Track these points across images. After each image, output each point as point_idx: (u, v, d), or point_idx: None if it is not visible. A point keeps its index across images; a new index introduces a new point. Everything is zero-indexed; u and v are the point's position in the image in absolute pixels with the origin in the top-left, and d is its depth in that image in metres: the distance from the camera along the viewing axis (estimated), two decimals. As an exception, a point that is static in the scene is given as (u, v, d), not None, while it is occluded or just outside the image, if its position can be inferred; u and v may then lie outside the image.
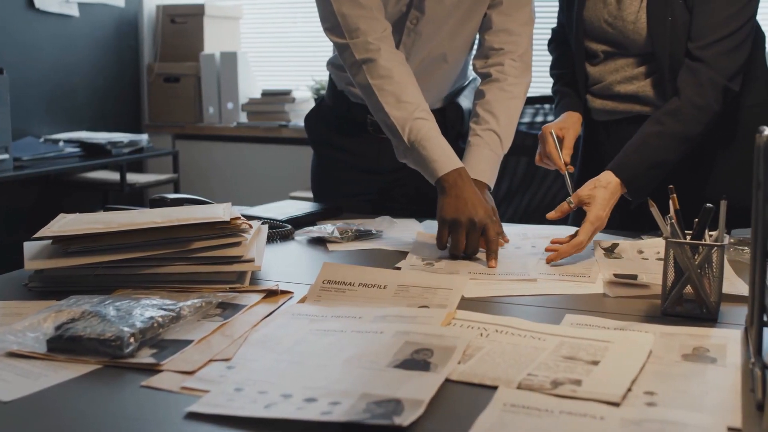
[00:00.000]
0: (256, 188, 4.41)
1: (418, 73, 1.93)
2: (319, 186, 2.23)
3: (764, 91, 1.85)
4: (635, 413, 0.89)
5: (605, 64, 1.86)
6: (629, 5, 1.78)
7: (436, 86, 2.03)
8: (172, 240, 1.38)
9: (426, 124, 1.75)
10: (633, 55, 1.82)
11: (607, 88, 1.87)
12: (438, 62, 1.98)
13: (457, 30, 1.94)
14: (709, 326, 1.19)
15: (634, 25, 1.77)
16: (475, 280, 1.43)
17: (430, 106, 1.99)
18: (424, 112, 1.76)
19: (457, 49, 1.99)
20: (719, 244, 1.22)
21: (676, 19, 1.72)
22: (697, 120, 1.70)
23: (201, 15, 4.54)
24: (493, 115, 1.87)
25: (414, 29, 1.90)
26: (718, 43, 1.69)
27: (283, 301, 1.31)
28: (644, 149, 1.70)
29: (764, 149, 0.96)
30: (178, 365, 1.04)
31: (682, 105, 1.70)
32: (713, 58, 1.69)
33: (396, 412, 0.88)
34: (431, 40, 1.93)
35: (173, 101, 4.61)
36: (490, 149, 1.85)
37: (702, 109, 1.69)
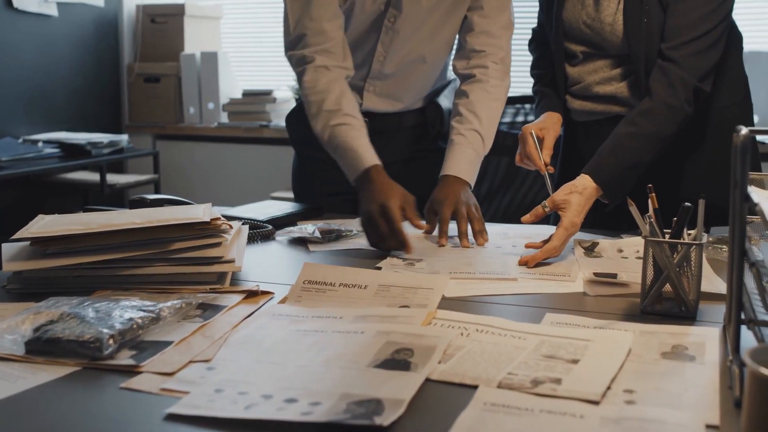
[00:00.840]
0: (237, 189, 4.39)
1: (398, 74, 1.95)
2: (299, 185, 2.23)
3: (741, 91, 1.87)
4: (614, 412, 0.89)
5: (584, 65, 1.87)
6: (606, 7, 1.78)
7: (415, 86, 2.05)
8: (152, 241, 1.38)
9: (342, 130, 1.81)
10: (611, 57, 1.83)
11: (585, 89, 1.87)
12: (417, 63, 1.99)
13: (437, 31, 1.96)
14: (687, 324, 1.20)
15: (611, 27, 1.78)
16: (455, 280, 1.43)
17: (410, 107, 2.01)
18: (344, 117, 1.82)
19: (437, 49, 2.00)
20: (698, 243, 1.23)
21: (652, 20, 1.72)
22: (670, 120, 1.70)
23: (181, 15, 4.52)
24: (476, 115, 1.89)
25: (392, 27, 1.92)
26: (690, 44, 1.70)
27: (263, 301, 1.31)
28: (619, 151, 1.70)
29: (741, 148, 0.96)
30: (157, 366, 1.03)
31: (655, 105, 1.70)
32: (684, 58, 1.70)
33: (376, 412, 0.88)
34: (410, 40, 1.94)
35: (153, 101, 4.59)
36: (472, 148, 1.87)
37: (674, 109, 1.70)
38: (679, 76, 1.69)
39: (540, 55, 2.03)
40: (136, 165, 4.61)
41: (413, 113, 2.09)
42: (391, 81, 2.02)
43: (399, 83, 2.01)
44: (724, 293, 1.09)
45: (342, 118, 1.82)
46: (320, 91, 1.85)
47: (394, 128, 2.07)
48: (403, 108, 2.08)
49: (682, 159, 1.84)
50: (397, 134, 2.07)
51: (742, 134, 0.97)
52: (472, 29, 1.94)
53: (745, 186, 0.96)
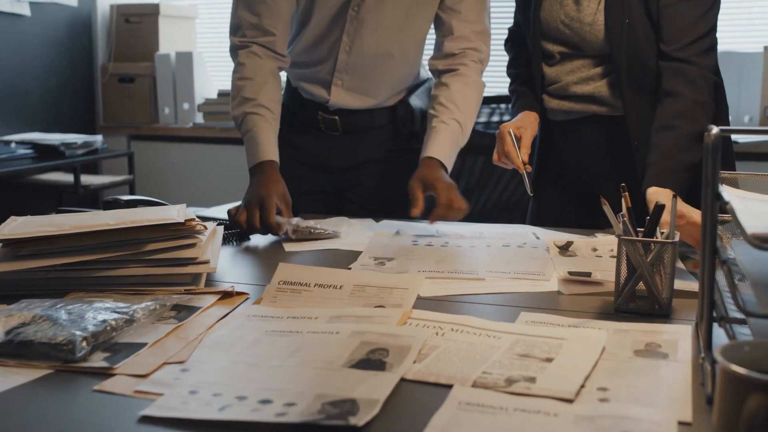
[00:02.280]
0: (213, 189, 4.37)
1: (366, 67, 1.96)
2: None
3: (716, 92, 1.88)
4: (588, 409, 0.90)
5: (562, 64, 1.88)
6: (587, 7, 1.79)
7: (385, 82, 2.06)
8: (126, 242, 1.37)
9: (255, 119, 1.88)
10: (589, 56, 1.84)
11: (563, 89, 1.88)
12: (385, 57, 2.00)
13: (404, 24, 1.97)
14: (661, 322, 1.21)
15: (591, 27, 1.78)
16: (431, 279, 1.43)
17: (381, 104, 2.03)
18: (257, 107, 1.89)
19: (405, 44, 2.01)
20: (670, 242, 1.24)
21: (634, 21, 1.74)
22: (705, 116, 1.71)
23: (156, 15, 4.50)
24: (456, 105, 1.92)
25: (356, 17, 1.93)
26: (697, 43, 1.72)
27: (238, 302, 1.31)
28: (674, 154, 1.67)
29: (712, 147, 0.97)
30: (131, 369, 1.03)
31: (687, 105, 1.70)
32: (697, 56, 1.72)
33: (351, 412, 0.88)
34: (375, 30, 1.95)
35: (128, 102, 4.56)
36: (453, 135, 1.90)
37: (705, 106, 1.72)
38: (698, 73, 1.72)
39: (516, 55, 2.04)
40: (110, 166, 4.58)
41: (384, 112, 2.09)
42: (359, 74, 2.02)
43: (367, 77, 2.02)
44: (697, 291, 1.10)
45: (256, 108, 1.90)
46: (245, 77, 1.92)
47: (366, 127, 2.08)
48: (374, 105, 2.08)
49: None
50: (369, 133, 2.08)
51: (713, 134, 0.97)
52: (451, 33, 1.97)
53: (716, 185, 0.97)
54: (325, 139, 2.09)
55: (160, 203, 1.75)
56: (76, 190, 3.98)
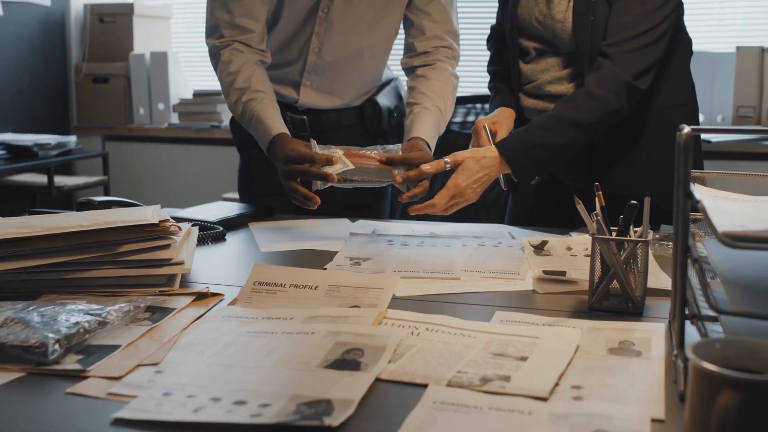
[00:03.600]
0: (188, 190, 4.36)
1: (335, 67, 1.97)
2: (245, 186, 2.24)
3: (686, 93, 1.90)
4: (562, 407, 0.90)
5: (537, 62, 1.89)
6: (558, 4, 1.80)
7: (353, 82, 2.07)
8: (99, 243, 1.36)
9: (254, 103, 1.88)
10: (562, 54, 1.84)
11: (538, 88, 1.89)
12: (354, 56, 2.02)
13: (373, 23, 1.98)
14: (634, 320, 1.22)
15: (562, 24, 1.79)
16: (406, 279, 1.44)
17: (349, 103, 2.05)
18: (252, 93, 1.89)
19: (374, 43, 2.02)
20: (643, 240, 1.25)
21: (598, 18, 1.74)
22: (589, 108, 1.72)
23: (130, 14, 4.47)
24: (435, 92, 1.94)
25: (326, 18, 1.94)
26: (627, 42, 1.72)
27: (213, 303, 1.30)
28: (529, 129, 1.75)
29: (684, 147, 0.98)
30: (104, 371, 1.02)
31: (578, 93, 1.75)
32: (620, 55, 1.72)
33: (326, 412, 0.88)
34: (345, 31, 1.96)
35: (102, 102, 4.53)
36: (435, 120, 1.91)
37: (597, 99, 1.72)
38: (611, 71, 1.72)
39: (497, 52, 2.05)
40: (84, 167, 4.55)
41: (352, 111, 2.11)
42: (328, 75, 2.03)
43: (336, 77, 2.03)
44: (670, 289, 1.11)
45: (251, 94, 1.89)
46: (232, 72, 1.92)
47: (334, 127, 2.10)
48: (342, 104, 2.09)
49: (627, 158, 1.87)
50: (336, 133, 2.09)
51: (685, 133, 0.98)
52: (422, 33, 1.99)
53: (687, 184, 0.98)
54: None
55: (134, 204, 1.74)
56: (49, 192, 3.95)
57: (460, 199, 1.67)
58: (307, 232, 1.84)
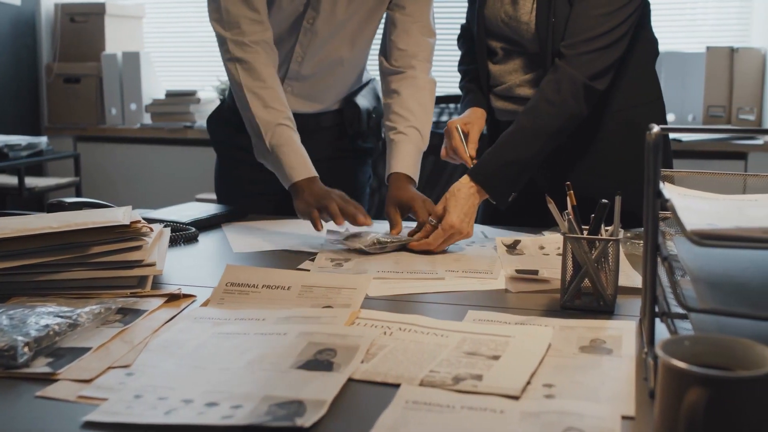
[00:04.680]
0: (161, 191, 4.33)
1: (315, 75, 1.97)
2: (221, 187, 2.23)
3: (653, 92, 1.91)
4: (534, 406, 0.91)
5: (505, 63, 1.89)
6: (523, 5, 1.80)
7: (333, 88, 2.07)
8: (70, 245, 1.35)
9: (287, 131, 1.82)
10: (529, 55, 1.85)
11: (508, 90, 1.89)
12: (335, 65, 2.01)
13: (356, 33, 1.98)
14: (606, 318, 1.23)
15: (527, 26, 1.79)
16: (379, 279, 1.44)
17: (328, 108, 2.03)
18: (288, 120, 1.84)
19: (355, 52, 2.02)
20: (614, 239, 1.26)
21: (559, 19, 1.75)
22: (550, 115, 1.72)
23: (102, 14, 4.43)
24: (411, 111, 1.92)
25: (311, 28, 1.93)
26: (585, 43, 1.71)
27: (185, 305, 1.29)
28: (496, 149, 1.73)
29: (653, 146, 0.99)
30: (75, 374, 1.01)
31: (537, 102, 1.73)
32: (577, 57, 1.72)
33: (298, 413, 0.87)
34: (329, 41, 1.96)
35: (74, 102, 4.49)
36: (413, 145, 1.90)
37: (556, 105, 1.72)
38: (567, 73, 1.71)
39: (467, 51, 2.05)
40: (56, 168, 4.50)
41: (331, 114, 2.11)
42: (308, 82, 2.03)
43: (317, 84, 2.03)
44: (641, 287, 1.12)
45: (285, 120, 1.84)
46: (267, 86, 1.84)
47: (313, 129, 2.08)
48: (321, 109, 2.09)
49: (592, 158, 1.87)
50: (315, 135, 2.08)
51: (654, 132, 0.99)
52: (395, 27, 1.97)
53: (657, 183, 0.99)
54: None
55: (106, 205, 1.73)
56: (20, 193, 3.90)
57: (458, 236, 1.66)
58: (280, 232, 1.84)
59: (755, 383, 0.74)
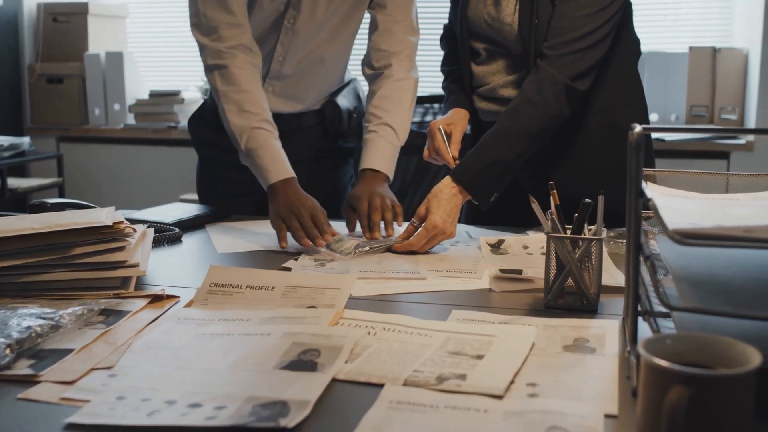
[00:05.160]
0: (145, 191, 4.31)
1: (297, 74, 1.98)
2: (203, 187, 2.23)
3: (635, 92, 1.91)
4: (517, 405, 0.91)
5: (488, 64, 1.89)
6: (506, 7, 1.80)
7: (314, 87, 2.08)
8: (52, 246, 1.34)
9: (263, 134, 1.82)
10: (512, 56, 1.85)
11: (491, 91, 1.89)
12: (316, 64, 2.02)
13: (336, 32, 1.99)
14: (589, 317, 1.23)
15: (510, 27, 1.79)
16: (363, 279, 1.44)
17: (309, 107, 2.04)
18: (264, 122, 1.83)
19: (336, 51, 2.03)
20: (597, 238, 1.26)
21: (542, 21, 1.74)
22: (532, 116, 1.71)
23: (85, 13, 4.41)
24: (384, 109, 1.94)
25: (291, 28, 1.93)
26: (568, 44, 1.71)
27: (169, 306, 1.29)
28: (478, 150, 1.73)
29: (635, 146, 0.99)
30: (57, 375, 1.00)
31: (519, 103, 1.73)
32: (559, 57, 1.72)
33: (282, 414, 0.87)
34: (309, 41, 1.96)
35: (57, 103, 4.46)
36: (385, 141, 1.91)
37: (538, 106, 1.71)
38: (549, 74, 1.71)
39: (450, 51, 2.05)
40: (39, 168, 4.48)
41: (312, 114, 2.12)
42: (289, 81, 2.03)
43: (298, 84, 2.04)
44: (624, 286, 1.12)
45: (261, 123, 1.84)
46: (242, 90, 1.84)
47: (294, 128, 2.09)
48: (303, 109, 2.10)
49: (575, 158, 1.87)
50: (297, 134, 2.09)
51: (636, 132, 0.99)
52: (376, 28, 1.99)
53: (639, 182, 0.99)
54: None
55: (88, 206, 1.72)
56: (2, 194, 3.88)
57: (441, 236, 1.66)
58: (264, 233, 1.83)
59: (736, 381, 0.74)
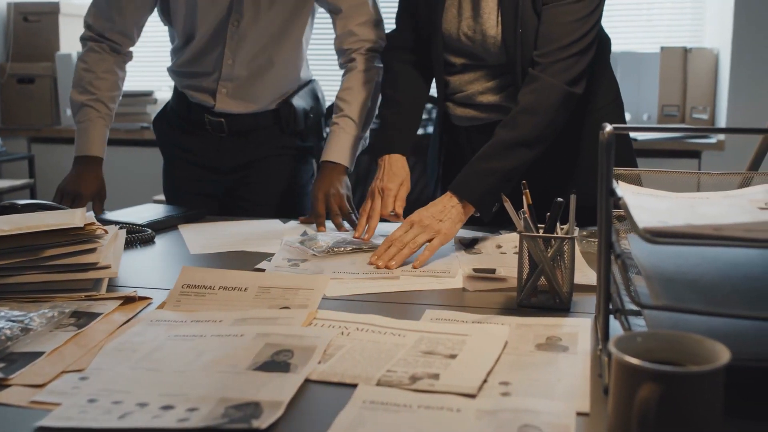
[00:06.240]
0: (118, 192, 4.24)
1: (249, 77, 2.04)
2: (168, 187, 2.28)
3: (612, 92, 1.92)
4: (490, 404, 0.91)
5: (464, 73, 1.87)
6: (487, 19, 1.77)
7: (266, 88, 2.12)
8: (23, 248, 1.33)
9: (90, 112, 2.07)
10: (492, 66, 1.83)
11: (468, 98, 1.87)
12: (266, 65, 2.08)
13: (283, 33, 2.04)
14: (562, 316, 1.24)
15: (494, 39, 1.76)
16: (336, 280, 1.43)
17: (264, 107, 2.13)
18: (97, 102, 2.07)
19: (284, 52, 2.08)
20: (570, 237, 1.27)
21: (527, 30, 1.73)
22: (530, 125, 1.68)
23: (56, 13, 4.38)
24: (346, 101, 2.00)
25: (237, 31, 2.00)
26: (561, 50, 1.69)
27: (141, 307, 1.28)
28: (476, 163, 1.68)
29: (606, 145, 1.00)
30: (27, 378, 1.00)
31: (517, 112, 1.69)
32: (554, 64, 1.69)
33: (254, 415, 0.87)
34: (256, 43, 2.02)
35: (28, 103, 4.42)
36: (344, 132, 1.98)
37: (536, 114, 1.68)
38: (546, 82, 1.68)
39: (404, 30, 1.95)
40: (9, 170, 4.43)
41: (268, 114, 2.16)
42: (241, 83, 2.08)
43: (250, 85, 2.09)
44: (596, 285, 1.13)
45: (94, 102, 2.07)
46: (90, 69, 2.10)
47: (251, 128, 2.15)
48: (257, 109, 2.14)
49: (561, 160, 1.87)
50: (254, 134, 2.15)
51: (607, 131, 1.00)
52: (337, 32, 2.04)
53: (610, 181, 1.00)
54: (213, 140, 2.16)
55: (60, 207, 1.71)
56: (-28, 196, 3.84)
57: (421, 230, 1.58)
58: (237, 233, 1.83)
59: (705, 378, 0.75)
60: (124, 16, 2.07)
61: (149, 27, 2.20)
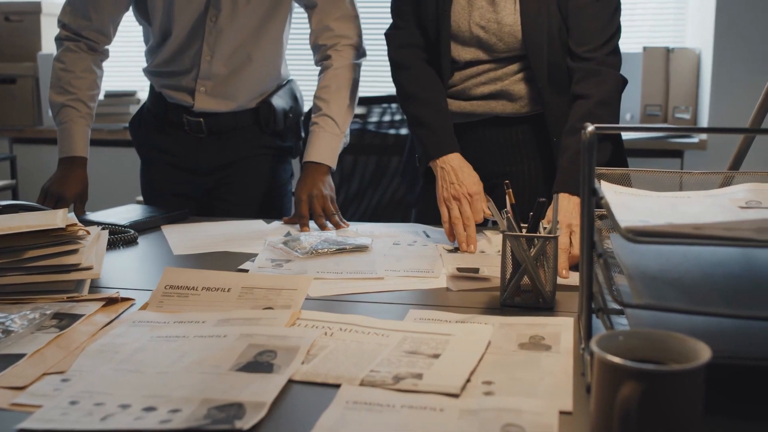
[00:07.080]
0: (101, 193, 4.23)
1: (228, 74, 2.03)
2: (146, 189, 2.27)
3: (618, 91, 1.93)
4: (473, 403, 0.91)
5: (464, 70, 1.87)
6: (504, 8, 1.79)
7: (245, 86, 2.12)
8: (4, 249, 1.32)
9: (71, 112, 2.06)
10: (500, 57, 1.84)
11: (462, 92, 1.87)
12: (244, 62, 2.07)
13: (261, 29, 2.04)
14: (545, 315, 1.24)
15: (511, 28, 1.78)
16: (320, 280, 1.43)
17: (243, 106, 2.13)
18: (77, 102, 2.07)
19: (263, 47, 2.07)
20: (553, 236, 1.27)
21: (552, 21, 1.76)
22: (610, 116, 1.74)
23: (38, 13, 4.35)
24: (324, 100, 2.01)
25: (215, 26, 1.99)
26: (608, 44, 1.78)
27: (123, 309, 1.27)
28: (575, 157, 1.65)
29: (588, 145, 1.00)
30: (8, 381, 0.99)
31: (592, 106, 1.72)
32: (608, 56, 1.77)
33: (237, 416, 0.87)
34: (235, 38, 2.02)
35: (9, 103, 4.39)
36: (325, 131, 1.98)
37: (611, 106, 1.75)
38: (610, 74, 1.76)
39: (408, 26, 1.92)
40: (-9, 170, 4.40)
41: (247, 113, 2.15)
42: (220, 80, 2.08)
43: (228, 83, 2.09)
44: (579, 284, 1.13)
45: (74, 102, 2.06)
46: (68, 69, 2.08)
47: (230, 128, 2.14)
48: (236, 108, 2.13)
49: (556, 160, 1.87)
50: (233, 134, 2.15)
51: (589, 131, 1.00)
52: (312, 27, 2.05)
53: (592, 180, 1.00)
54: (192, 140, 2.16)
55: (41, 208, 1.70)
56: (-46, 197, 3.81)
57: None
58: (221, 233, 1.82)
59: (686, 376, 0.75)
60: (101, 14, 2.06)
61: (131, 26, 2.20)
